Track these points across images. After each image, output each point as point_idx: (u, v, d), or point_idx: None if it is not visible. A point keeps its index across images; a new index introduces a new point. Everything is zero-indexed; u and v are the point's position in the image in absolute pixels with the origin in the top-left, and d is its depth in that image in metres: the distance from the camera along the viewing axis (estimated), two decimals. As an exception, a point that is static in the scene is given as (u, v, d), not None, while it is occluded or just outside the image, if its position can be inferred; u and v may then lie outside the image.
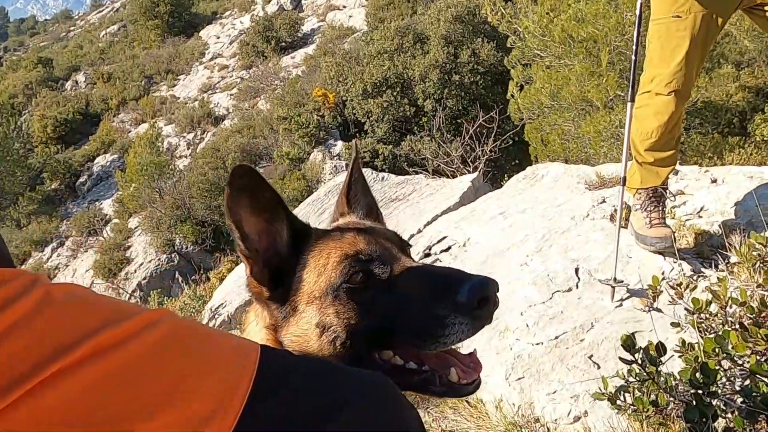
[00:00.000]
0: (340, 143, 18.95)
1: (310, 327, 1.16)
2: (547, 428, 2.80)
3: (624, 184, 3.20)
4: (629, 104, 3.12)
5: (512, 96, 13.29)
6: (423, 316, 1.10)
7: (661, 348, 1.73)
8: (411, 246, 1.35)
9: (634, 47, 3.09)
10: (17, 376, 0.68)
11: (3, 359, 0.69)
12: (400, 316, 1.13)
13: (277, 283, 1.22)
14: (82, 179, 23.75)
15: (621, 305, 3.13)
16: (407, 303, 1.13)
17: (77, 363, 0.72)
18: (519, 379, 3.00)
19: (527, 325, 3.28)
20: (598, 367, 2.84)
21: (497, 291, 1.12)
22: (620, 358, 1.76)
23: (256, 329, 1.26)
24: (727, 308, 1.80)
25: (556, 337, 3.11)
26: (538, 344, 3.11)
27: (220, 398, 0.77)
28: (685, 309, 1.94)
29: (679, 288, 2.03)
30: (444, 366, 1.19)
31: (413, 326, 1.11)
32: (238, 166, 1.08)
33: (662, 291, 2.17)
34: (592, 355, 2.91)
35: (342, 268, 1.17)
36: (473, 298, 1.07)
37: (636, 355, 1.68)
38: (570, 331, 3.11)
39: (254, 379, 0.80)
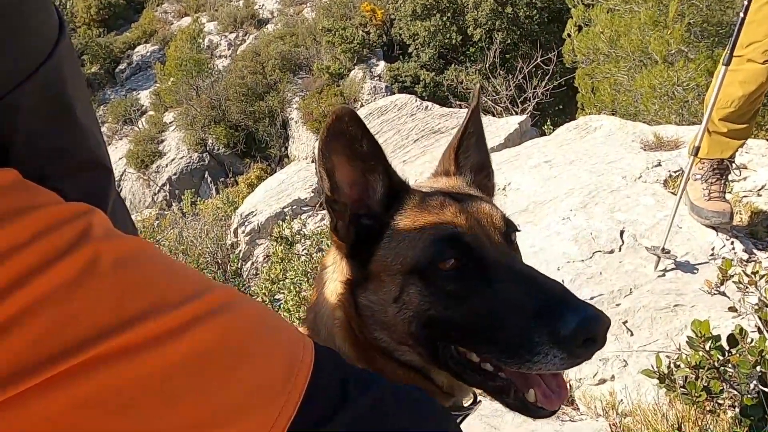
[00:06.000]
0: (382, 64, 18.41)
1: (388, 300, 1.06)
2: (570, 385, 2.82)
3: (696, 154, 3.02)
4: (723, 68, 2.87)
5: (569, 36, 12.67)
6: (513, 333, 0.96)
7: (733, 340, 1.68)
8: (519, 231, 1.20)
9: (745, 1, 2.78)
10: (22, 368, 0.55)
11: (18, 345, 0.55)
12: (486, 322, 1.00)
13: (361, 241, 1.11)
14: (121, 66, 23.65)
15: (664, 275, 3.07)
16: (498, 311, 0.99)
17: (96, 361, 0.58)
18: (548, 333, 3.00)
19: (563, 281, 3.25)
20: (632, 334, 2.82)
21: (608, 328, 0.93)
22: (687, 343, 1.71)
23: (332, 278, 1.17)
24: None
25: (591, 298, 3.08)
26: (571, 302, 3.09)
27: (265, 424, 0.69)
28: (760, 300, 1.87)
29: (753, 276, 1.94)
30: (524, 380, 1.05)
31: (499, 339, 0.98)
32: (339, 107, 0.99)
33: (731, 276, 2.09)
34: (626, 321, 2.89)
35: (434, 248, 1.04)
36: (579, 336, 0.91)
37: (706, 344, 1.63)
38: (607, 294, 3.08)
39: (300, 404, 0.72)
